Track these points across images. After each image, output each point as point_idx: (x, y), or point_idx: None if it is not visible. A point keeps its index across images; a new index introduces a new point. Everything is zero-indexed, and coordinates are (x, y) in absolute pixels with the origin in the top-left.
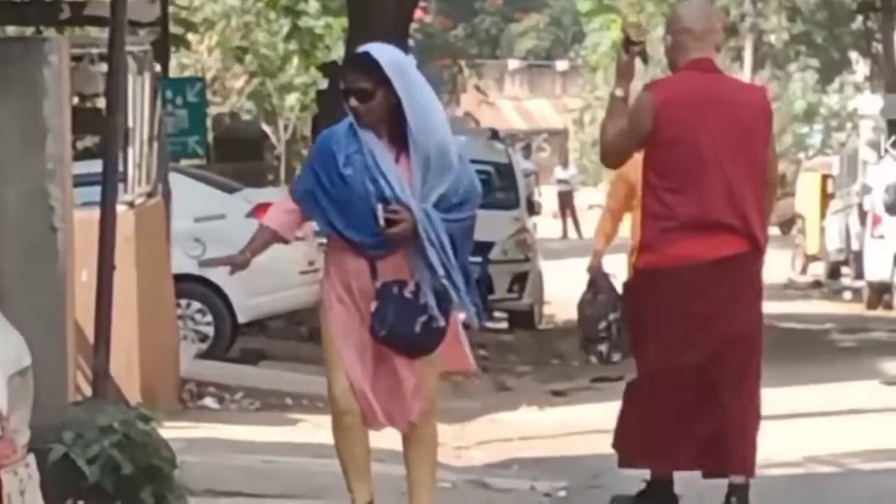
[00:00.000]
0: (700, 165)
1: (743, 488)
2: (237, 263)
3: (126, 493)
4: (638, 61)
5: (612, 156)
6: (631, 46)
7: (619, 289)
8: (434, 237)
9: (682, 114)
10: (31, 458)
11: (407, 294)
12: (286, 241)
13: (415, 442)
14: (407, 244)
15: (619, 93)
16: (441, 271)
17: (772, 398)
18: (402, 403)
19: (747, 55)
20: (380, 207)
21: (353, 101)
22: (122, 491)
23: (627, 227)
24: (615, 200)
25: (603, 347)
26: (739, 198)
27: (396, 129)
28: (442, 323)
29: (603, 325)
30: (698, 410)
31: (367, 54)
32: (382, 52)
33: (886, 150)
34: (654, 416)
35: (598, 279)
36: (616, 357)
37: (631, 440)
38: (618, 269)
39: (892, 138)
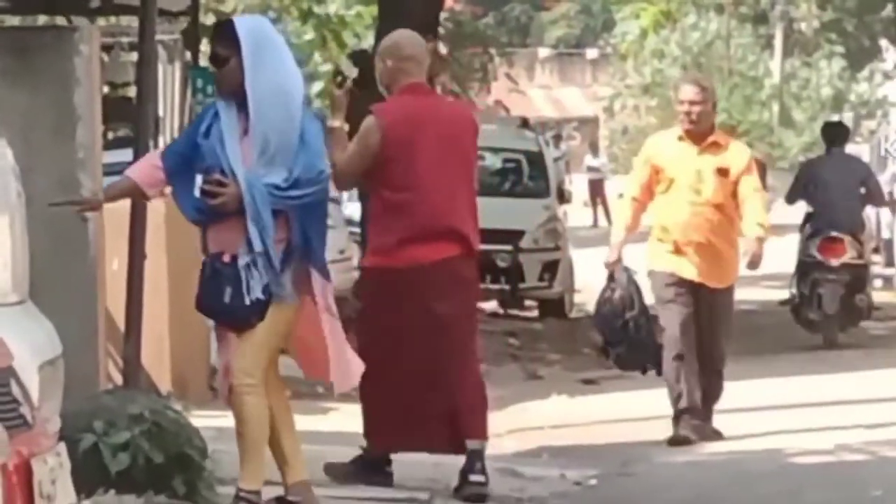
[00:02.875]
0: (423, 179)
1: (480, 451)
2: (87, 204)
3: (156, 482)
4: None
5: (348, 177)
6: (341, 81)
7: (642, 284)
8: (254, 210)
9: (406, 133)
10: (62, 447)
11: (220, 265)
12: (146, 197)
13: (235, 416)
14: (232, 215)
15: (337, 123)
16: (258, 245)
17: (802, 386)
18: (223, 373)
19: (777, 43)
20: (199, 178)
21: (212, 67)
22: (152, 480)
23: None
24: (638, 187)
25: (621, 349)
26: (457, 206)
27: (245, 104)
28: (256, 296)
29: (619, 323)
30: (430, 392)
31: (229, 21)
32: (243, 22)
33: None
34: (392, 403)
35: (617, 274)
36: (633, 363)
37: (376, 428)
38: (639, 263)
39: None
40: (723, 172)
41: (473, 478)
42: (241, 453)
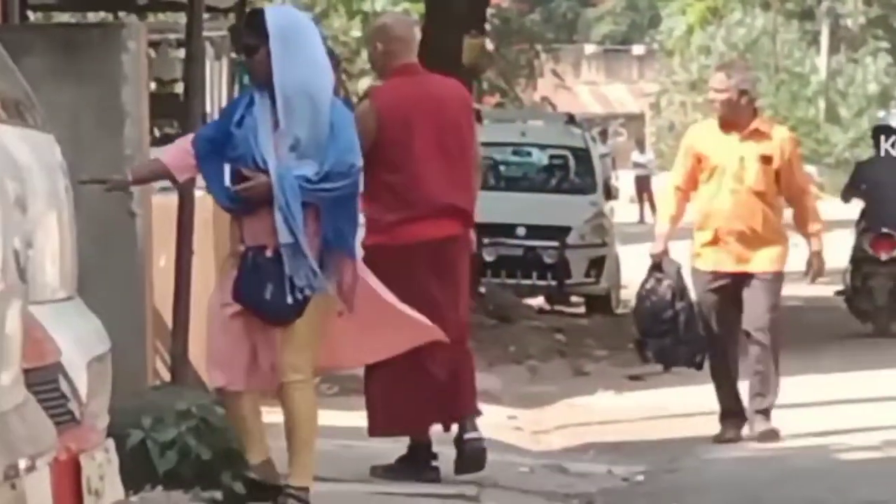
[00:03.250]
0: (421, 158)
1: (472, 417)
2: (115, 182)
3: (204, 478)
4: None
5: None
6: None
7: (687, 278)
8: (282, 202)
9: (401, 114)
10: (110, 443)
11: (262, 260)
12: (174, 179)
13: (285, 412)
14: (266, 206)
15: None
16: (286, 238)
17: (851, 382)
18: (263, 370)
19: (823, 39)
20: (226, 168)
21: (244, 57)
22: (199, 476)
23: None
24: (681, 176)
25: (666, 342)
26: (456, 183)
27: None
28: (299, 295)
29: (668, 314)
30: (429, 371)
31: (259, 11)
32: (273, 12)
33: None
34: (392, 384)
35: (664, 265)
36: (679, 357)
37: (380, 412)
38: (682, 256)
39: None
40: (766, 160)
41: (469, 435)
42: (291, 449)
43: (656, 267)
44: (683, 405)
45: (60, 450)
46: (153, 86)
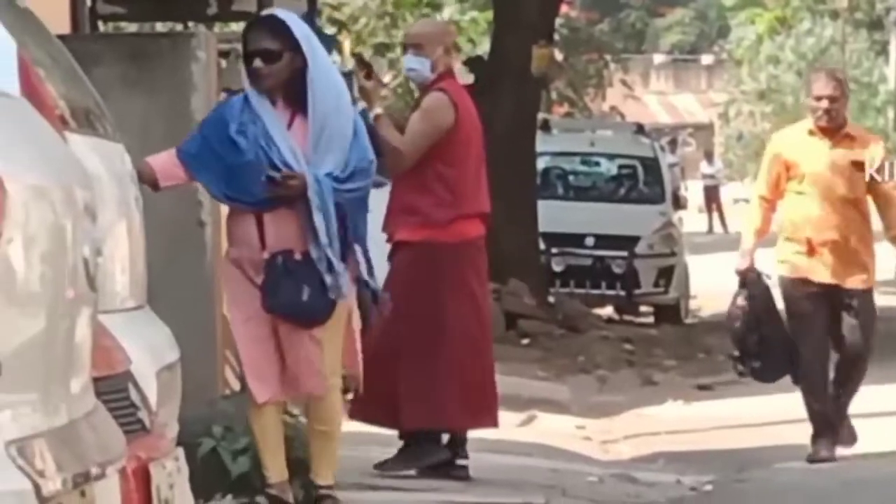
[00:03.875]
0: (474, 158)
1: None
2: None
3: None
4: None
5: (413, 156)
6: (368, 73)
7: (775, 291)
8: (319, 203)
9: (468, 114)
10: (180, 452)
11: (293, 263)
12: (156, 187)
13: (315, 417)
14: (293, 206)
15: (379, 111)
16: (324, 239)
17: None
18: (294, 375)
19: (892, 49)
20: (264, 172)
21: (258, 63)
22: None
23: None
24: (767, 186)
25: (757, 363)
26: (485, 186)
27: (291, 94)
28: (333, 294)
29: (755, 337)
30: (469, 367)
31: (274, 17)
32: (290, 17)
33: None
34: (430, 378)
35: (749, 283)
36: (771, 375)
37: (425, 404)
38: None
39: None
40: (858, 166)
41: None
42: (325, 451)
43: (743, 284)
44: (752, 415)
45: (130, 458)
46: (222, 95)
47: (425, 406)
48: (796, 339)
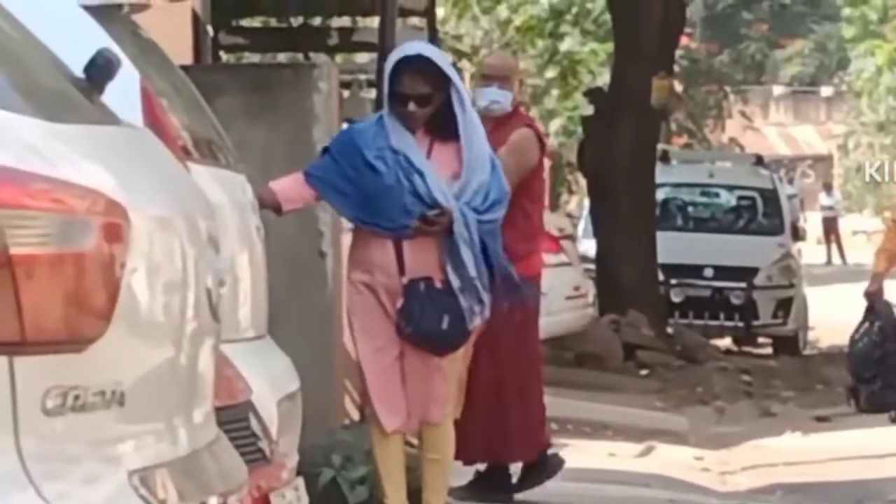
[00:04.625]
0: (544, 193)
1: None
2: None
3: None
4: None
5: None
6: None
7: None
8: (467, 237)
9: (544, 149)
10: (300, 482)
11: (434, 291)
12: (279, 211)
13: (429, 445)
14: (436, 238)
15: None
16: (473, 271)
17: None
18: (417, 403)
19: None
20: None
21: (413, 107)
22: None
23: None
24: None
25: (874, 387)
26: None
27: (428, 122)
28: (470, 325)
29: (877, 354)
30: (518, 403)
31: (421, 57)
32: (434, 52)
33: None
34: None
35: (877, 305)
36: (886, 403)
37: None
38: None
39: None
40: None
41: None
42: (437, 480)
43: (870, 309)
44: (871, 447)
45: (251, 488)
46: (343, 125)
47: (532, 438)
48: None
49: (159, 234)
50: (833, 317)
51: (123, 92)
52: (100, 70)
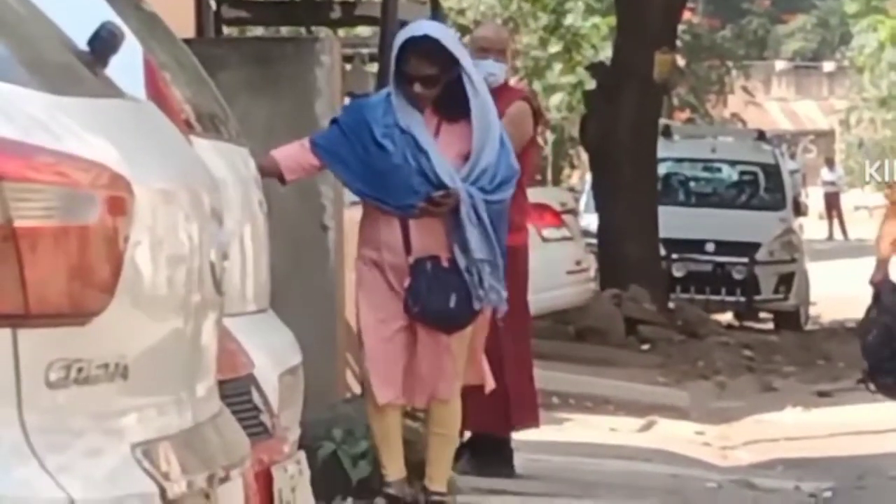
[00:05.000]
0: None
1: None
2: None
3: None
4: None
5: None
6: None
7: None
8: (475, 218)
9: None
10: (302, 455)
11: (440, 270)
12: (282, 180)
13: (436, 420)
14: (443, 219)
15: None
16: (483, 254)
17: None
18: (427, 380)
19: None
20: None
21: (419, 88)
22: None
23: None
24: None
25: (889, 379)
26: None
27: (436, 102)
28: (477, 304)
29: (886, 353)
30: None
31: (428, 38)
32: (441, 32)
33: None
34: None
35: (883, 295)
36: None
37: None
38: None
39: None
40: None
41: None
42: (442, 456)
43: (877, 297)
44: (872, 422)
45: (253, 462)
46: (346, 100)
47: (533, 406)
48: None
49: (163, 207)
50: (834, 292)
51: (126, 65)
52: (104, 43)
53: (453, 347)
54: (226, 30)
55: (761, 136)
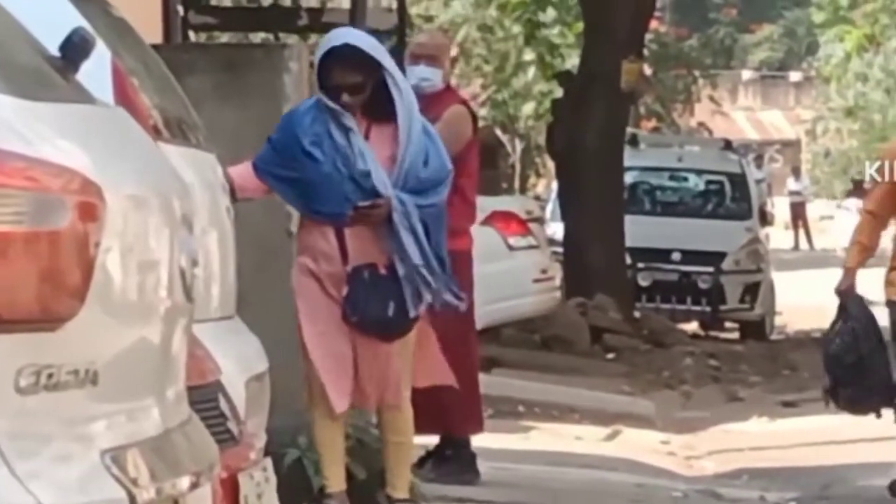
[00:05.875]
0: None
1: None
2: None
3: (359, 498)
4: None
5: None
6: None
7: (881, 316)
8: (408, 224)
9: (477, 128)
10: (268, 462)
11: (378, 277)
12: (234, 197)
13: (389, 427)
14: (378, 226)
15: None
16: (417, 260)
17: None
18: (373, 387)
19: None
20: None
21: (346, 97)
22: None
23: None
24: (877, 199)
25: (852, 391)
26: None
27: (364, 106)
28: (414, 312)
29: (851, 359)
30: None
31: (348, 45)
32: (360, 39)
33: None
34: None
35: (849, 304)
36: (865, 406)
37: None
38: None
39: None
40: None
41: None
42: (400, 463)
43: (843, 306)
44: (837, 432)
45: (219, 468)
46: None
47: (476, 412)
48: None
49: (134, 213)
50: (800, 302)
51: (95, 70)
52: (75, 49)
53: (396, 354)
54: (193, 36)
55: (728, 145)
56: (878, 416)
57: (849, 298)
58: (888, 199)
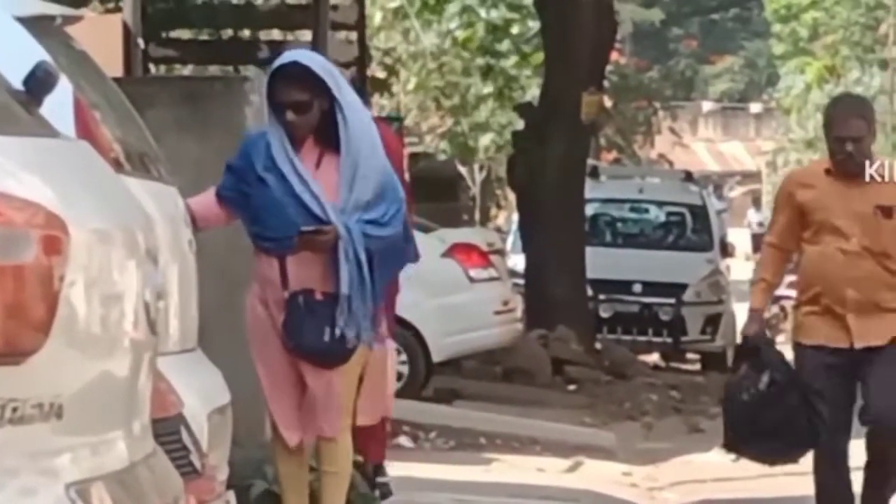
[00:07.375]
0: None
1: None
2: None
3: None
4: None
5: None
6: None
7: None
8: (351, 253)
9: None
10: (231, 495)
11: (314, 304)
12: (196, 227)
13: (325, 458)
14: (322, 253)
15: None
16: (346, 289)
17: None
18: (313, 418)
19: None
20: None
21: (291, 115)
22: None
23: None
24: (779, 232)
25: (779, 444)
26: None
27: (319, 132)
28: (352, 343)
29: (770, 413)
30: None
31: (297, 63)
32: (312, 59)
33: None
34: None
35: (763, 351)
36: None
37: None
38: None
39: None
40: (885, 212)
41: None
42: (336, 493)
43: (751, 351)
44: (799, 464)
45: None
46: None
47: (381, 439)
48: (814, 414)
49: (98, 247)
50: None
51: (56, 104)
52: (39, 83)
53: (336, 383)
54: (153, 69)
55: (688, 176)
56: (796, 462)
57: (760, 343)
58: (788, 230)
